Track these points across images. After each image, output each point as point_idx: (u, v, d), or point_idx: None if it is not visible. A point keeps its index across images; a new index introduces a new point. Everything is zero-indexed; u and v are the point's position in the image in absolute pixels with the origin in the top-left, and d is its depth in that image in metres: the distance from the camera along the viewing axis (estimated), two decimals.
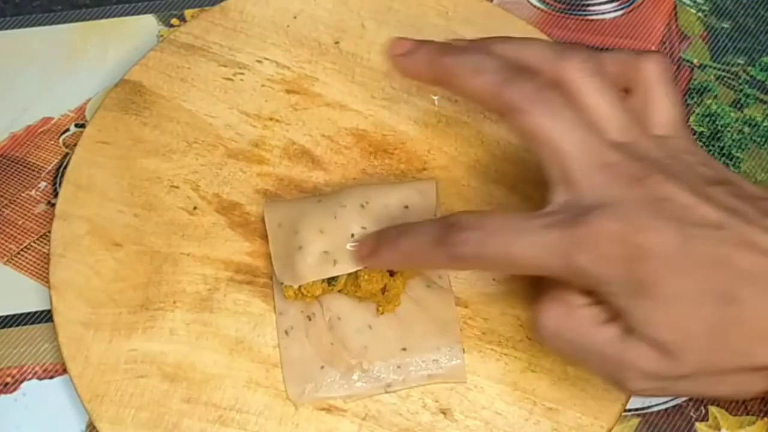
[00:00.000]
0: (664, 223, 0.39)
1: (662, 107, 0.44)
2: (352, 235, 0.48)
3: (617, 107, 0.42)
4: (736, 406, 0.50)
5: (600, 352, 0.41)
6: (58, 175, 0.56)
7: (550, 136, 0.41)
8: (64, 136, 0.57)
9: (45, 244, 0.53)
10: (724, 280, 0.39)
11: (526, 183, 0.53)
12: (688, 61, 0.60)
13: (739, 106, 0.58)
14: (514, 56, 0.43)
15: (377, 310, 0.49)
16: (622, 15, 0.61)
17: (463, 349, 0.49)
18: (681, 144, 0.43)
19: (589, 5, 0.62)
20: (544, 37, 0.58)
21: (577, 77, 0.42)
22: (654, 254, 0.39)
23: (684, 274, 0.39)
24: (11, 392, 0.50)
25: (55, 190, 0.55)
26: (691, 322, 0.39)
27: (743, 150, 0.57)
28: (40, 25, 0.61)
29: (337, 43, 0.58)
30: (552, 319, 0.42)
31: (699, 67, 0.60)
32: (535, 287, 0.44)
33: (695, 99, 0.59)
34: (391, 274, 0.49)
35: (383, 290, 0.49)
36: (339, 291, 0.49)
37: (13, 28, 0.61)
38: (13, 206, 0.55)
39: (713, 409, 0.50)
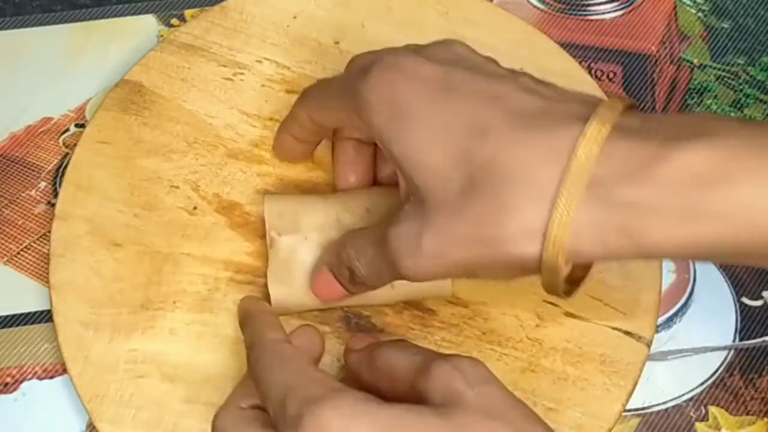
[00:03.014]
0: (429, 62, 0.42)
1: None
2: None
3: None
4: (737, 406, 0.50)
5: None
6: (58, 175, 0.56)
7: None
8: (64, 136, 0.57)
9: (45, 244, 0.53)
10: (480, 112, 0.40)
11: None
12: (688, 61, 0.60)
13: (739, 106, 0.58)
14: None
15: None
16: (622, 15, 0.61)
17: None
18: None
19: (589, 5, 0.62)
20: (544, 37, 0.58)
21: None
22: (416, 80, 0.41)
23: (441, 100, 0.40)
24: (11, 392, 0.50)
25: (55, 190, 0.55)
26: (438, 150, 0.40)
27: None
28: (40, 25, 0.61)
29: (337, 43, 0.58)
30: None
31: (699, 67, 0.60)
32: None
33: (695, 99, 0.59)
34: None
35: None
36: None
37: (13, 28, 0.61)
38: (13, 206, 0.55)
39: (713, 409, 0.50)
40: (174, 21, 0.61)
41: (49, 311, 0.51)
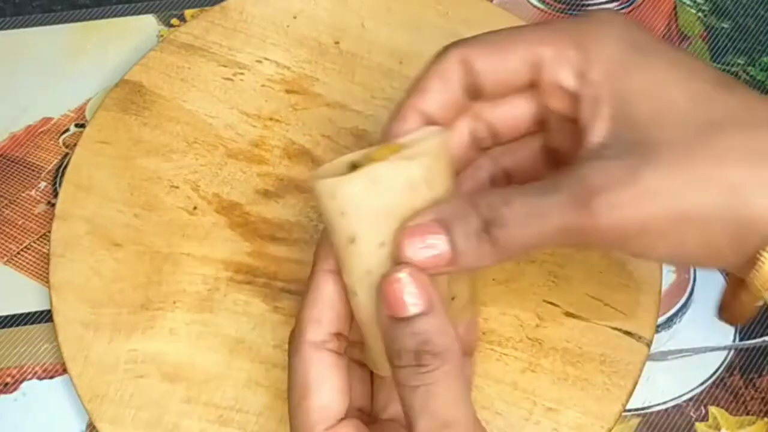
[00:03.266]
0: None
1: None
2: None
3: None
4: (737, 406, 0.50)
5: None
6: (58, 175, 0.56)
7: None
8: (64, 136, 0.57)
9: (45, 244, 0.53)
10: (722, 76, 0.37)
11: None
12: None
13: None
14: None
15: None
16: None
17: None
18: None
19: (588, 5, 0.62)
20: None
21: None
22: (649, 31, 0.39)
23: (680, 51, 0.38)
24: (11, 392, 0.50)
25: (55, 190, 0.55)
26: (681, 87, 0.37)
27: None
28: (40, 25, 0.61)
29: (337, 43, 0.58)
30: None
31: None
32: None
33: None
34: None
35: None
36: None
37: (13, 28, 0.61)
38: (13, 206, 0.55)
39: (713, 410, 0.50)
40: (174, 21, 0.61)
41: (49, 311, 0.51)
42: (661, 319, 0.52)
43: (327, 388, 0.38)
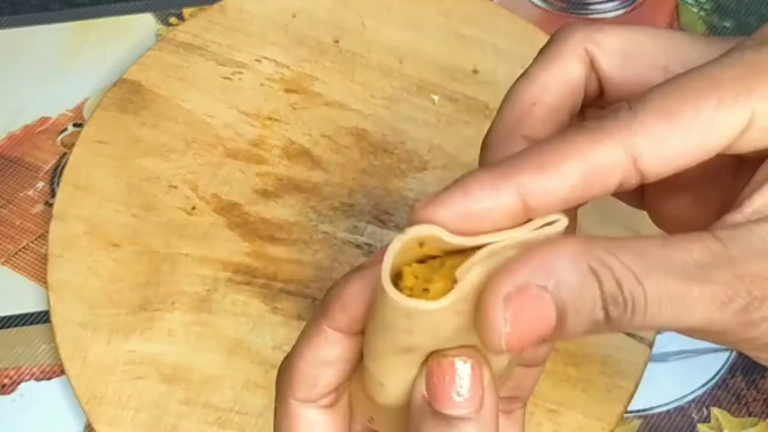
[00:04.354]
0: None
1: None
2: None
3: None
4: (739, 408, 0.50)
5: None
6: (55, 175, 0.56)
7: None
8: (62, 135, 0.57)
9: (43, 244, 0.53)
10: None
11: None
12: None
13: None
14: None
15: None
16: (624, 14, 0.61)
17: None
18: None
19: (590, 4, 0.62)
20: (545, 36, 0.58)
21: None
22: None
23: None
24: (9, 393, 0.50)
25: (53, 190, 0.55)
26: None
27: None
28: (38, 24, 0.61)
29: (336, 41, 0.58)
30: None
31: None
32: None
33: None
34: None
35: None
36: None
37: (11, 27, 0.61)
38: (10, 206, 0.55)
39: (715, 411, 0.50)
40: (172, 20, 0.61)
41: (47, 312, 0.50)
42: None
43: None
